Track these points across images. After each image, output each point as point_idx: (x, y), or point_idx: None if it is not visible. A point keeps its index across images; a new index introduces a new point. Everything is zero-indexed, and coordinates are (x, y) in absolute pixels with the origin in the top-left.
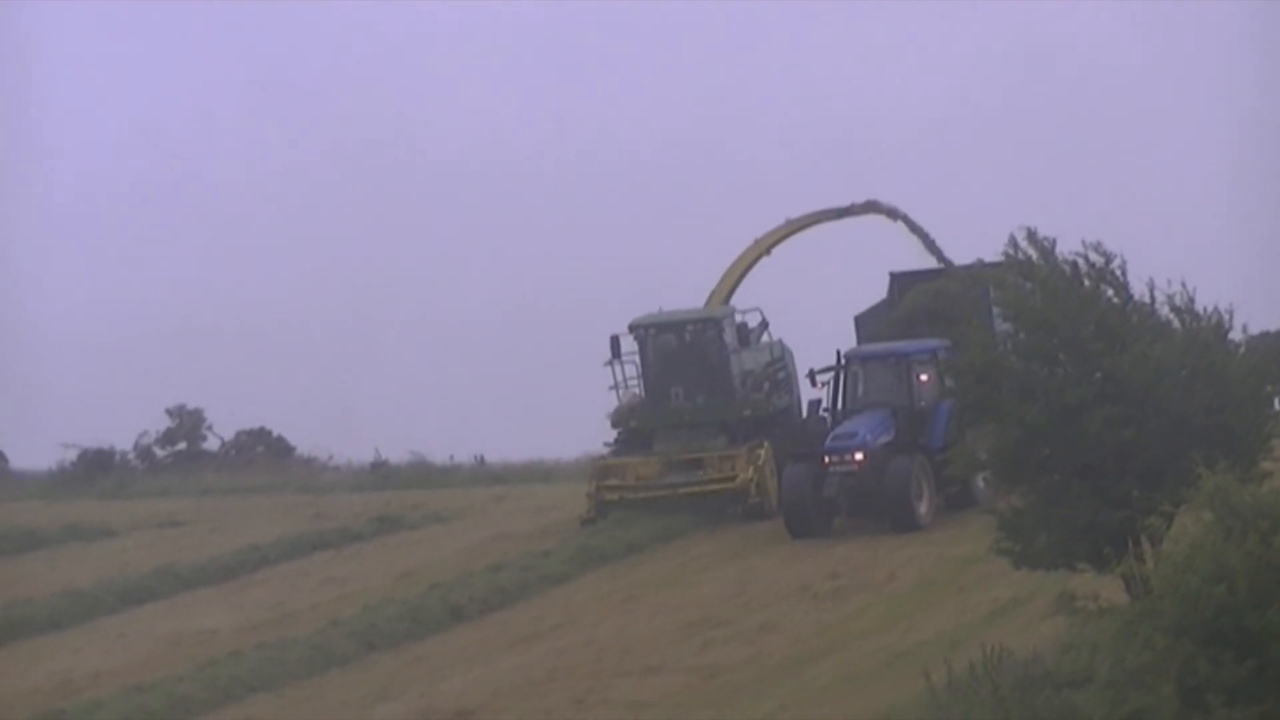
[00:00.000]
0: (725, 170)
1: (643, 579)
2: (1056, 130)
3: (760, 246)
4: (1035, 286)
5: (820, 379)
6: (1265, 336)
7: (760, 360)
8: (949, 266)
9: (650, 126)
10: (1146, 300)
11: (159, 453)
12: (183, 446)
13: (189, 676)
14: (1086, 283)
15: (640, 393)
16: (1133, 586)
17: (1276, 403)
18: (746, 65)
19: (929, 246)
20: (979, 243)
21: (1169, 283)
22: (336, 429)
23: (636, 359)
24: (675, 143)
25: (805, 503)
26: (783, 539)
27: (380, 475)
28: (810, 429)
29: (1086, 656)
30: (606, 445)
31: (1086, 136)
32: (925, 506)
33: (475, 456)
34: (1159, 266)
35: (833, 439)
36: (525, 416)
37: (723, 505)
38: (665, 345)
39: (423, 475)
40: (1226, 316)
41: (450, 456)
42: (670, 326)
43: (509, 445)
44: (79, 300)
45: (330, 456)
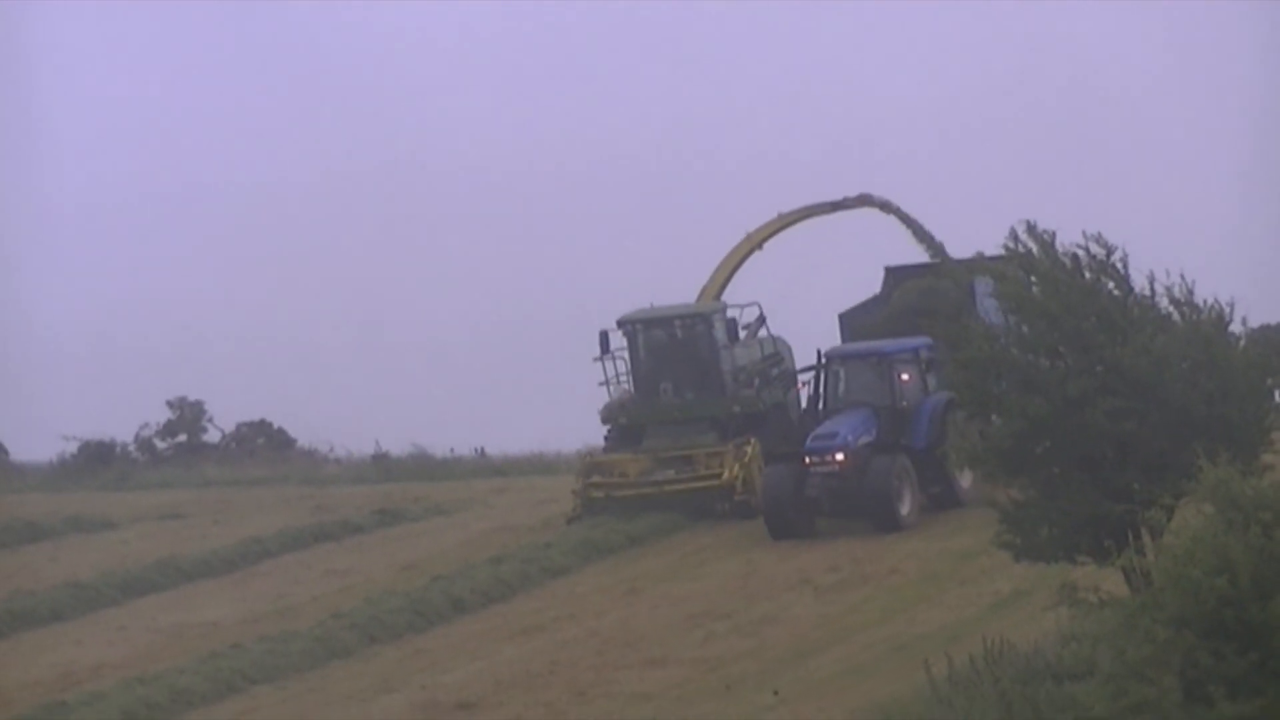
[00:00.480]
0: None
1: (644, 571)
2: (1056, 123)
3: (752, 241)
4: (1036, 279)
5: (801, 378)
6: (1266, 329)
7: (752, 356)
8: (944, 259)
9: (649, 120)
10: (1147, 293)
11: (160, 445)
12: (184, 439)
13: (190, 669)
14: (1088, 275)
15: (630, 388)
16: (1134, 579)
17: (1278, 395)
18: (739, 58)
19: (922, 239)
20: (975, 237)
21: (1169, 275)
22: (338, 421)
23: (626, 354)
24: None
25: (786, 503)
26: None
27: (381, 467)
28: (805, 426)
29: (1088, 649)
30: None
31: (1087, 129)
32: (907, 507)
33: (476, 449)
34: (1160, 260)
35: (813, 439)
36: (527, 409)
37: (709, 502)
38: (654, 340)
39: (424, 467)
40: (1228, 309)
41: (451, 449)
42: (659, 322)
43: (510, 437)
44: (80, 292)
45: (331, 448)
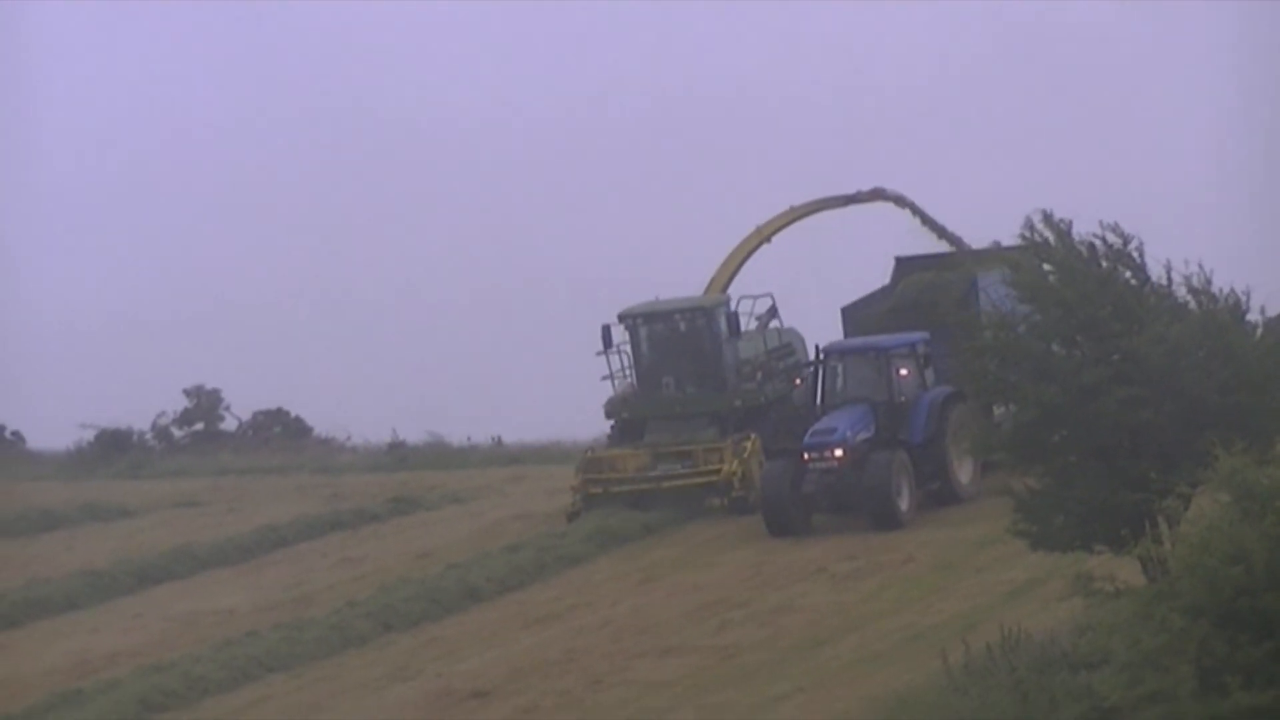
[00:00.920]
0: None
1: (660, 560)
2: (1069, 113)
3: (762, 234)
4: (1053, 267)
5: (797, 376)
6: None
7: (756, 349)
8: (960, 250)
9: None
10: (1163, 282)
11: (176, 433)
12: (200, 427)
13: (206, 656)
14: (1104, 264)
15: (633, 382)
16: (1149, 568)
17: None
18: (750, 48)
19: (938, 231)
20: (987, 229)
21: (1186, 264)
22: (354, 410)
23: (628, 348)
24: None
25: (784, 500)
26: None
27: (397, 456)
28: (804, 421)
29: (1103, 637)
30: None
31: (1101, 119)
32: (906, 503)
33: (493, 437)
34: (1175, 249)
35: (812, 435)
36: (544, 397)
37: (706, 498)
38: (655, 335)
39: (440, 456)
40: (1244, 298)
41: (467, 437)
42: (660, 316)
43: (527, 426)
44: (97, 281)
45: (348, 437)
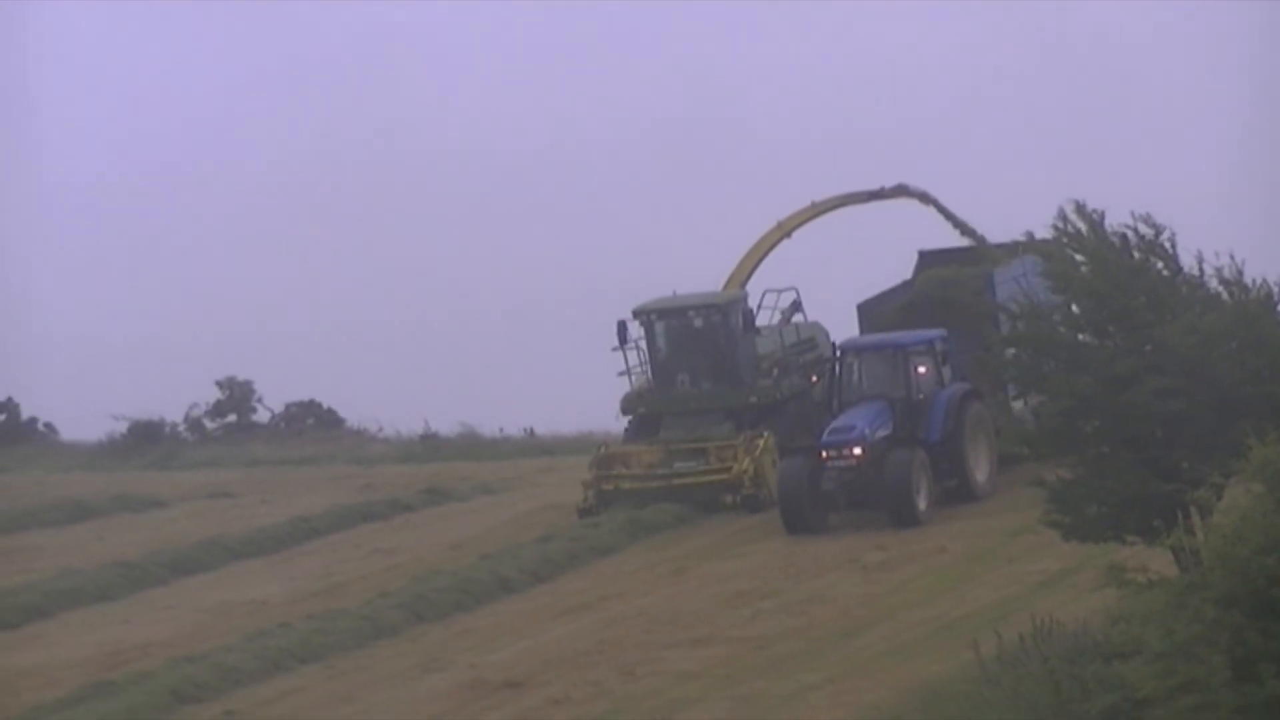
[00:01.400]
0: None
1: (691, 550)
2: (1096, 107)
3: (783, 229)
4: (1085, 258)
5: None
6: None
7: (774, 344)
8: (983, 244)
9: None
10: (1195, 273)
11: (209, 425)
12: (233, 419)
13: (237, 647)
14: (1136, 254)
15: (650, 378)
16: (1182, 558)
17: None
18: (771, 45)
19: (961, 228)
20: (1011, 224)
21: (1218, 255)
22: (387, 401)
23: (643, 344)
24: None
25: (802, 497)
26: None
27: (429, 447)
28: (822, 418)
29: (1136, 628)
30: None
31: (1127, 112)
32: (924, 500)
33: (525, 428)
34: (1206, 242)
35: (830, 432)
36: (575, 389)
37: (718, 496)
38: (671, 331)
39: (472, 447)
40: (1276, 289)
41: (500, 428)
42: (675, 312)
43: (560, 417)
44: (131, 273)
45: (380, 428)
